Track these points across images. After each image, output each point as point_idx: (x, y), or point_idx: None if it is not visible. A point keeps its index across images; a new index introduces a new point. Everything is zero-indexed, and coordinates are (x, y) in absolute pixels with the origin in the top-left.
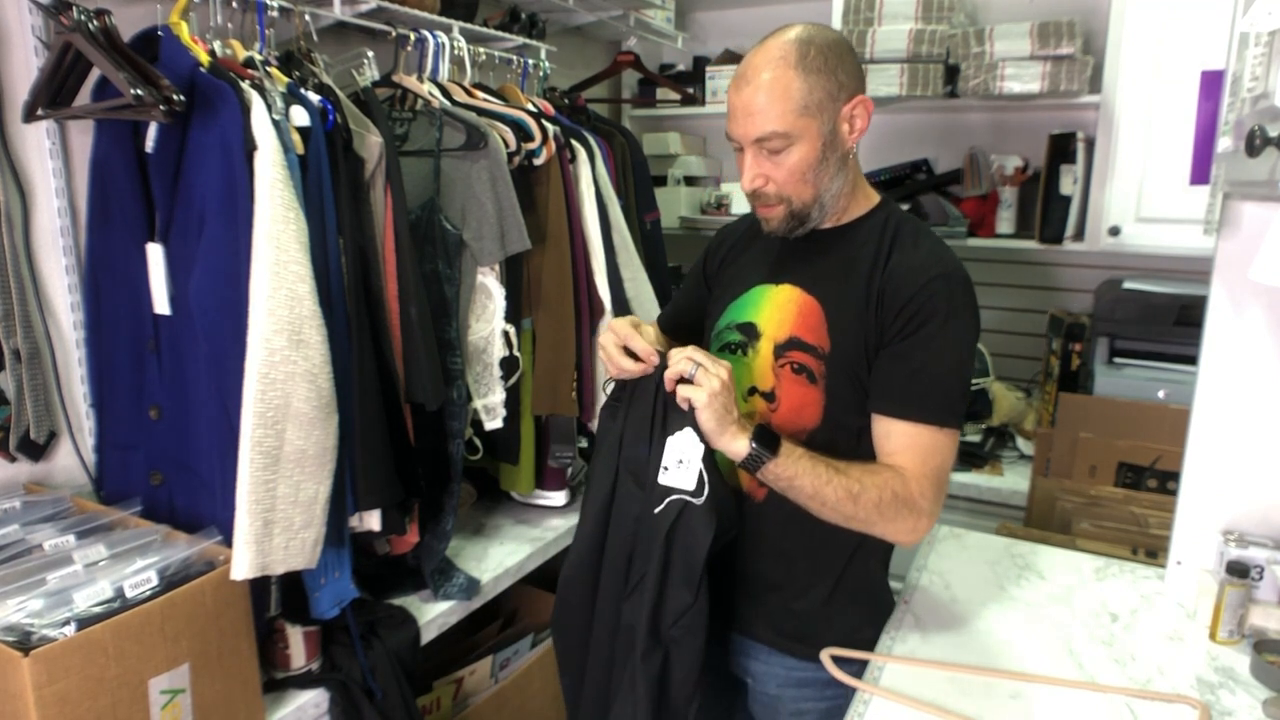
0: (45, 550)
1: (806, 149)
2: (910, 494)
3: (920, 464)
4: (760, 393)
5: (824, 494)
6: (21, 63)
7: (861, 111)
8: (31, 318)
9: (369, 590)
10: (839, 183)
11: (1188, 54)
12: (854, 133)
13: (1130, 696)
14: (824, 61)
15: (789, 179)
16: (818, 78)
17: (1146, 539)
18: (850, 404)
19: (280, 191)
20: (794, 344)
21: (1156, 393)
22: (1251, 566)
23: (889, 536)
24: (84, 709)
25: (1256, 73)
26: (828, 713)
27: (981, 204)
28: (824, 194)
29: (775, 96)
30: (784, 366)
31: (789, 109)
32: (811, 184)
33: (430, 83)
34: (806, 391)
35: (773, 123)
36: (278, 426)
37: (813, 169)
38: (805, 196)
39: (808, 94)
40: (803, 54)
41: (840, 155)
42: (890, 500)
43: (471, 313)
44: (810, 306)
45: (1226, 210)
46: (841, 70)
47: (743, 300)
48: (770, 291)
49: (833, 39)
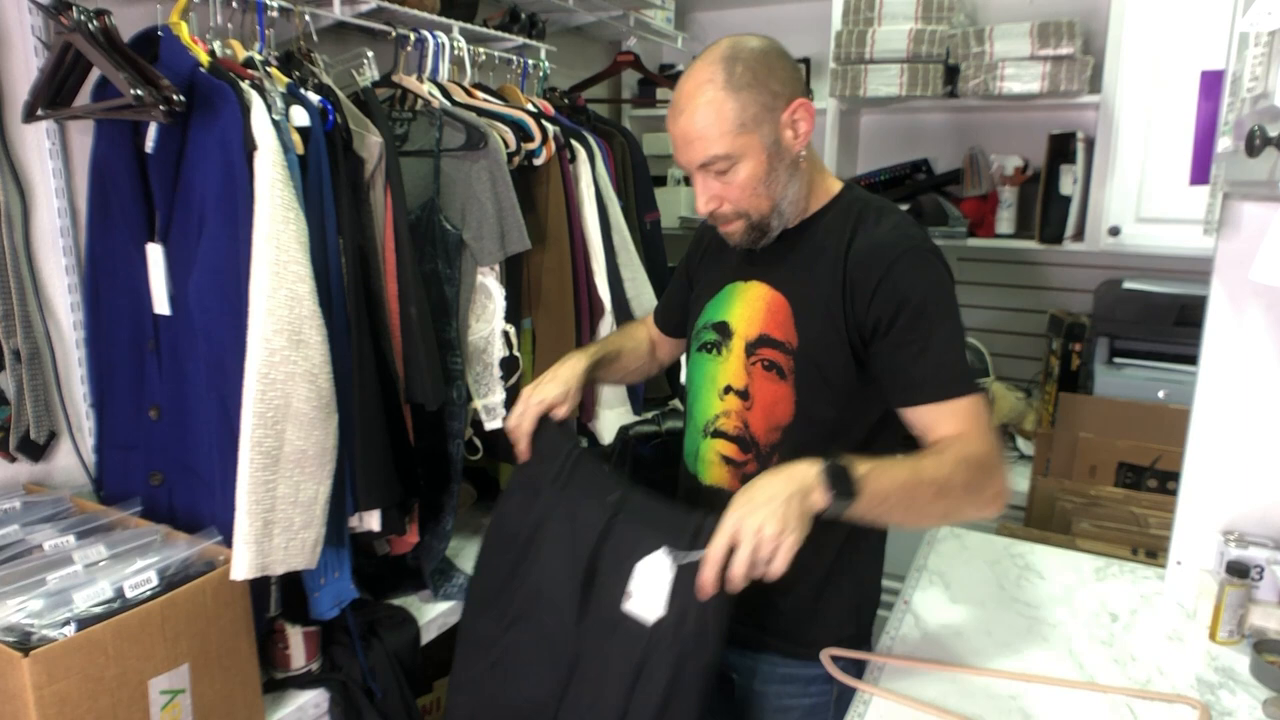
0: (45, 550)
1: (752, 165)
2: (992, 465)
3: (980, 432)
4: (735, 391)
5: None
6: (21, 63)
7: (803, 114)
8: (31, 318)
9: (369, 590)
10: (794, 188)
11: (1188, 54)
12: (799, 137)
13: (1130, 696)
14: (753, 76)
15: (741, 196)
16: (749, 93)
17: (1146, 539)
18: (820, 398)
19: (280, 191)
20: (764, 341)
21: (1156, 393)
22: (1251, 566)
23: (978, 514)
24: (84, 709)
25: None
26: (812, 709)
27: (981, 204)
28: (780, 202)
29: (710, 120)
30: (755, 364)
31: (726, 130)
32: (765, 196)
33: (430, 83)
34: (777, 388)
35: (712, 146)
36: (278, 426)
37: (763, 182)
38: (762, 208)
39: (742, 111)
40: (730, 72)
41: (789, 162)
42: (976, 482)
43: (471, 313)
44: (778, 303)
45: (1226, 210)
46: (773, 79)
47: (717, 299)
48: (740, 289)
49: (759, 49)
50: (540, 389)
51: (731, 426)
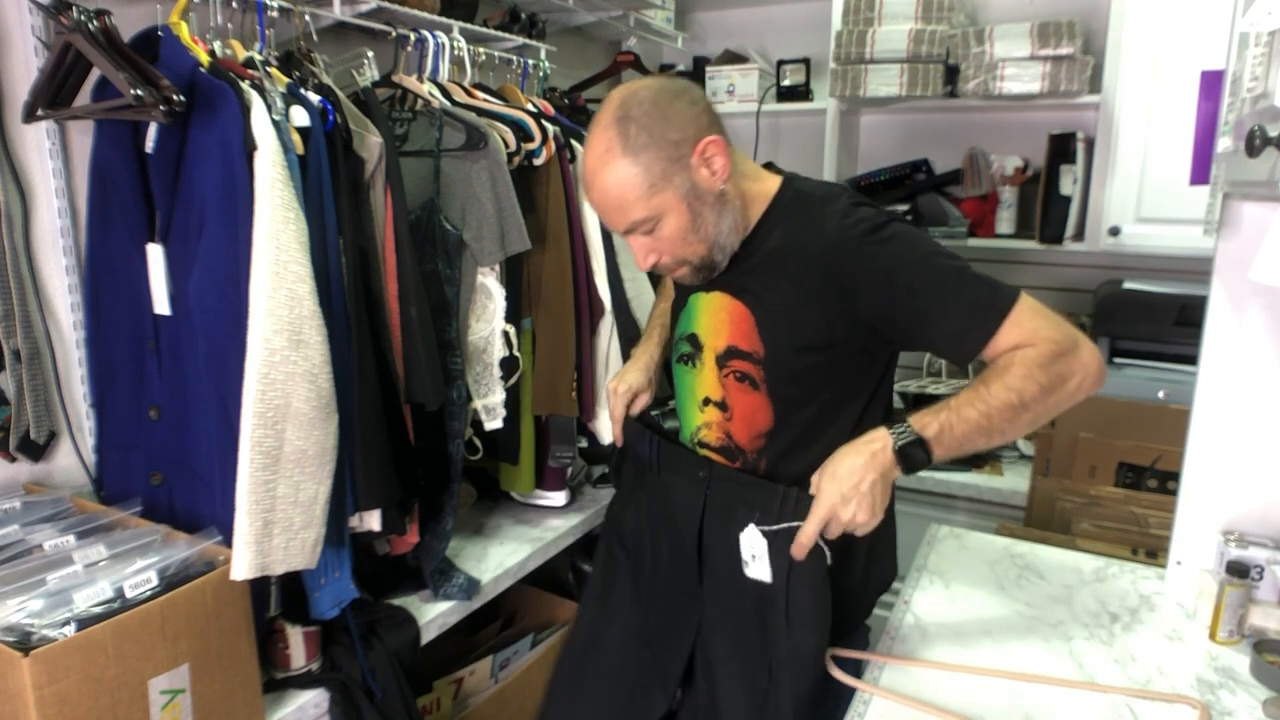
0: (45, 550)
1: (675, 218)
2: (1051, 351)
3: (1031, 331)
4: (714, 403)
5: (995, 428)
6: (21, 63)
7: (713, 151)
8: (31, 318)
9: (369, 590)
10: (727, 220)
11: (1188, 54)
12: (716, 173)
13: (1130, 696)
14: (648, 134)
15: (674, 247)
16: (649, 154)
17: (1146, 539)
18: (796, 401)
19: (280, 192)
20: (732, 353)
21: (1156, 393)
22: (1251, 566)
23: (1078, 397)
24: (84, 709)
25: (1256, 73)
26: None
27: (981, 204)
28: (716, 239)
29: (620, 191)
30: (728, 376)
31: (636, 196)
32: (698, 241)
33: (430, 83)
34: (752, 398)
35: (630, 214)
36: (278, 426)
37: (690, 230)
38: (699, 252)
39: (647, 174)
40: (624, 137)
41: (712, 201)
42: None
43: (471, 313)
44: (740, 312)
45: (1226, 210)
46: (670, 129)
47: (687, 310)
48: (704, 300)
49: (650, 100)
50: (625, 378)
51: (715, 438)
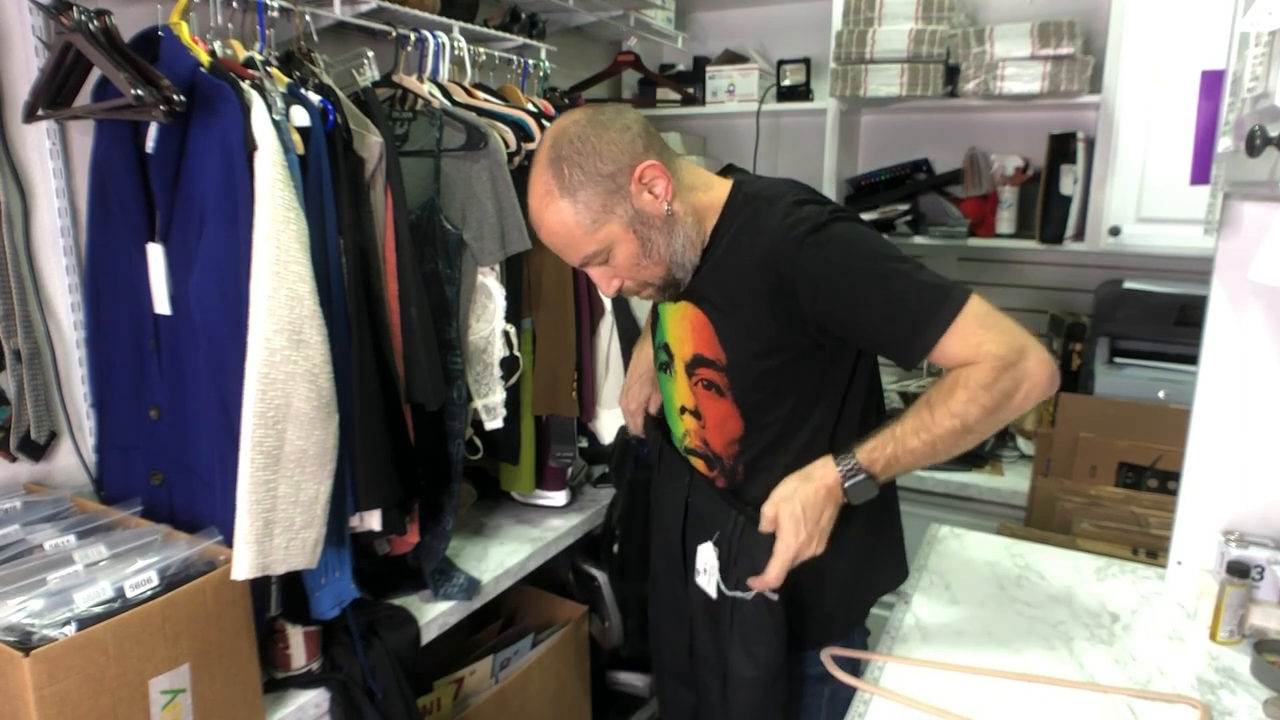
0: (45, 550)
1: (625, 246)
2: (996, 369)
3: (974, 345)
4: (689, 411)
5: (939, 450)
6: (21, 63)
7: (652, 174)
8: (31, 318)
9: (369, 590)
10: (679, 238)
11: (1188, 54)
12: (660, 196)
13: (1130, 696)
14: (581, 171)
15: (631, 271)
16: (586, 191)
17: (1146, 539)
18: (761, 406)
19: (280, 191)
20: (699, 361)
21: (1156, 393)
22: (1252, 566)
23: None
24: (84, 709)
25: (1256, 73)
26: (804, 709)
27: (981, 204)
28: (672, 258)
29: (564, 231)
30: (697, 384)
31: (582, 233)
32: (655, 261)
33: (430, 83)
34: (721, 405)
35: (580, 250)
36: (278, 426)
37: (642, 255)
38: (658, 273)
39: (587, 209)
40: (560, 178)
41: (660, 223)
42: (992, 396)
43: (472, 313)
44: (700, 321)
45: (1226, 210)
46: (601, 162)
47: (659, 319)
48: (671, 309)
49: (577, 135)
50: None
51: (696, 444)
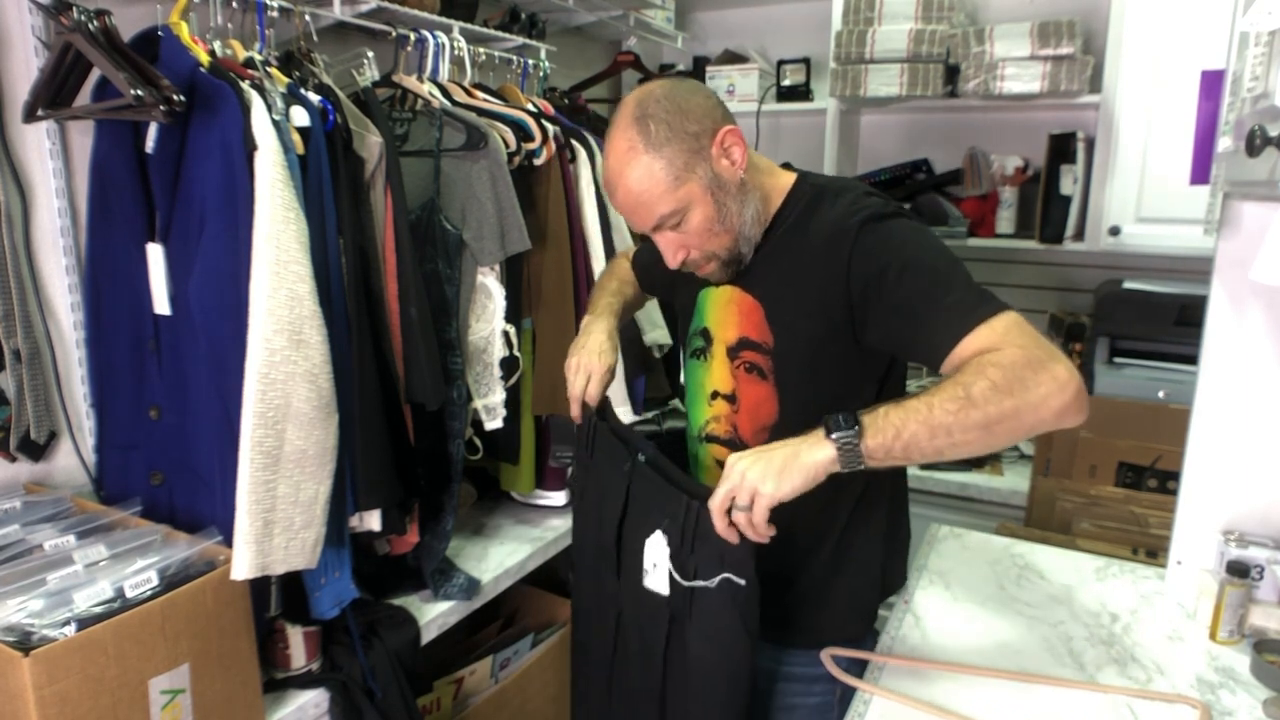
0: (45, 550)
1: (701, 210)
2: (1017, 356)
3: (1003, 340)
4: (722, 395)
5: (939, 423)
6: (21, 63)
7: (731, 141)
8: (31, 318)
9: (369, 590)
10: (750, 210)
11: (1188, 54)
12: (735, 163)
13: (1130, 696)
14: (669, 129)
15: (702, 240)
16: (672, 147)
17: (1146, 539)
18: (801, 393)
19: (280, 191)
20: (744, 344)
21: (1156, 393)
22: (1251, 566)
23: (1044, 414)
24: (84, 709)
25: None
26: (816, 709)
27: (981, 204)
28: (742, 229)
29: (646, 186)
30: (739, 367)
31: (664, 191)
32: (726, 230)
33: (430, 83)
34: (760, 389)
35: (657, 209)
36: (278, 426)
37: (717, 221)
38: (726, 244)
39: (670, 167)
40: (645, 134)
41: (734, 190)
42: (1006, 375)
43: (472, 313)
44: (749, 304)
45: (1226, 210)
46: (689, 122)
47: (698, 305)
48: (714, 294)
49: (665, 95)
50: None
51: (722, 431)
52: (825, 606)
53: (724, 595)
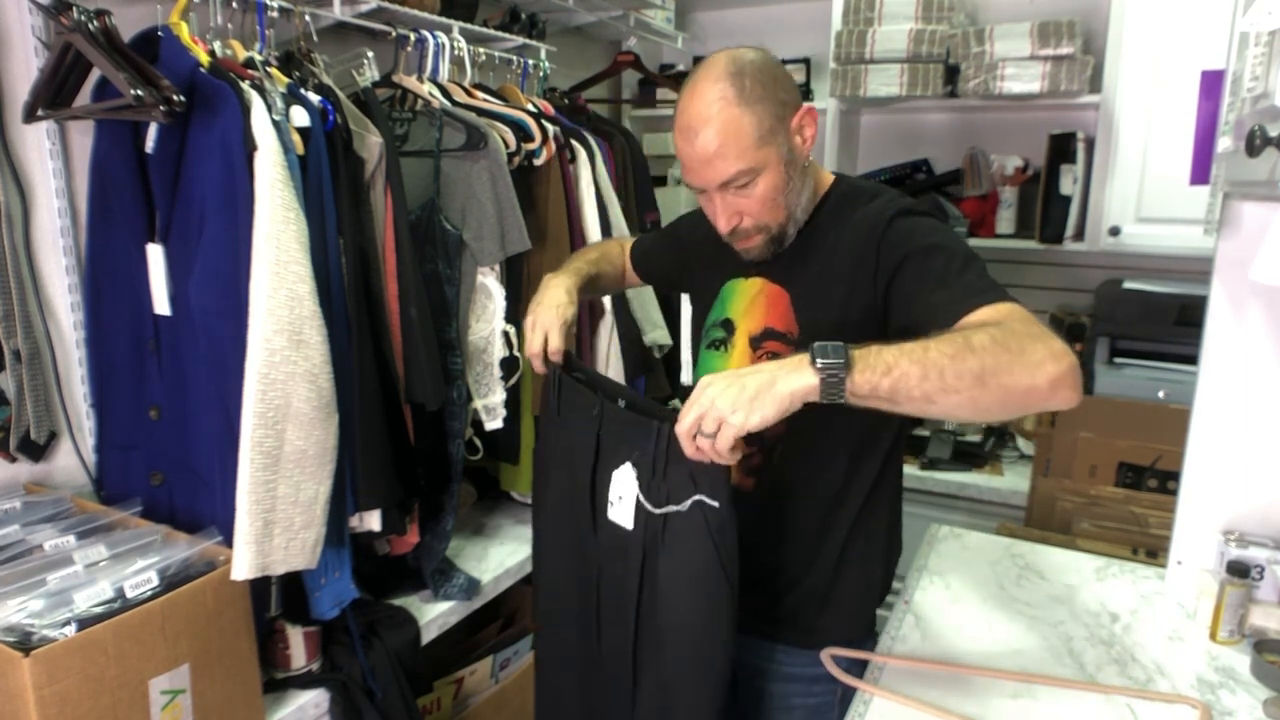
0: (45, 550)
1: (771, 177)
2: (1019, 327)
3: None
4: None
5: (933, 363)
6: (21, 63)
7: (808, 120)
8: (31, 318)
9: (369, 590)
10: (805, 193)
11: (1188, 54)
12: (806, 143)
13: (1130, 696)
14: (763, 89)
15: (761, 209)
16: (762, 106)
17: (1146, 539)
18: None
19: (280, 192)
20: (768, 334)
21: (1156, 393)
22: (1252, 566)
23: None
24: (84, 709)
25: (1256, 73)
26: (816, 709)
27: (981, 204)
28: (794, 210)
29: (730, 139)
30: (761, 357)
31: (747, 146)
32: (783, 206)
33: (430, 83)
34: None
35: (734, 164)
36: (278, 427)
37: (781, 192)
38: (780, 219)
39: (758, 125)
40: (740, 88)
41: (800, 169)
42: (1005, 333)
43: (472, 313)
44: (776, 294)
45: (1226, 210)
46: (779, 89)
47: (721, 296)
48: (741, 285)
49: (761, 61)
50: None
51: None
52: (827, 607)
53: (697, 519)
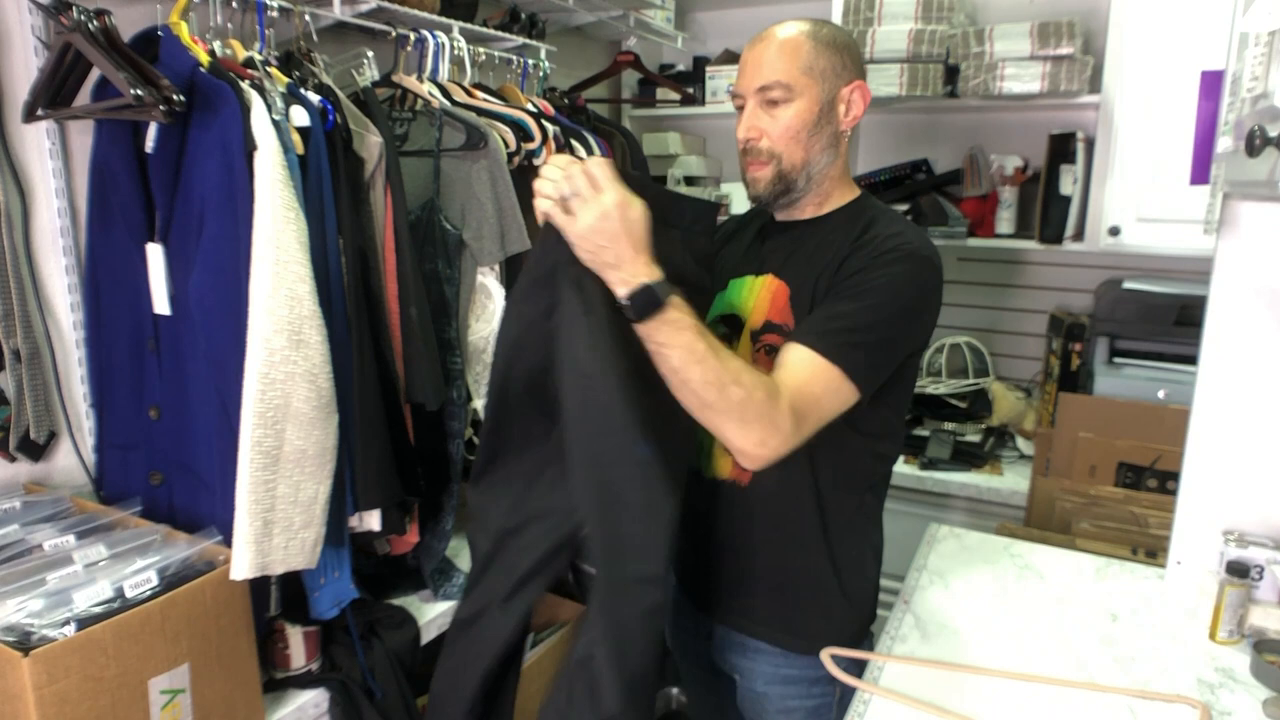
0: (45, 550)
1: (803, 107)
2: (776, 408)
3: (798, 384)
4: None
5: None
6: (21, 63)
7: (858, 98)
8: (31, 318)
9: (369, 590)
10: (828, 158)
11: (1188, 54)
12: (849, 116)
13: (1130, 696)
14: (834, 40)
15: (782, 135)
16: (827, 50)
17: (1146, 539)
18: None
19: (280, 191)
20: (768, 327)
21: (1156, 393)
22: (1251, 566)
23: (734, 441)
24: (84, 709)
25: (1256, 73)
26: (815, 711)
27: (981, 204)
28: (812, 163)
29: (785, 52)
30: (760, 350)
31: (796, 65)
32: (803, 146)
33: (430, 83)
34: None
35: (778, 73)
36: (277, 426)
37: (806, 129)
38: (795, 158)
39: (815, 58)
40: (817, 28)
41: (833, 131)
42: (754, 405)
43: (471, 313)
44: (778, 288)
45: (1226, 210)
46: (848, 54)
47: (727, 291)
48: (751, 282)
49: (845, 32)
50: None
51: None
52: (825, 610)
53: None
